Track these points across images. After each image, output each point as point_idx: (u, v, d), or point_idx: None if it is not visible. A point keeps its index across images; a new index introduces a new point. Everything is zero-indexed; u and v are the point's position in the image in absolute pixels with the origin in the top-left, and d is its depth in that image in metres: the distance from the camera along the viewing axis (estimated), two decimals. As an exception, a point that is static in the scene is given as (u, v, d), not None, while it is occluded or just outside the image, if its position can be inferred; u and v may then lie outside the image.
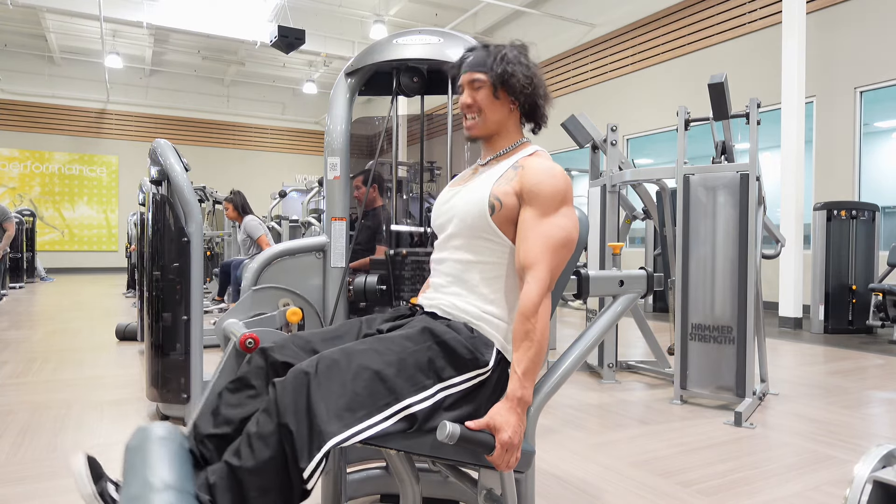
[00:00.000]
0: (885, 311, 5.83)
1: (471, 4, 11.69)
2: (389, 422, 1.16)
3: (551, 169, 1.38)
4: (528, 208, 1.36)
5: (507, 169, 1.42)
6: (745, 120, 3.28)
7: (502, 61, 1.42)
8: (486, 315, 1.36)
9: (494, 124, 1.46)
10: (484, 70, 1.43)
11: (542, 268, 1.30)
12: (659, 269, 7.04)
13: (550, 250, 1.31)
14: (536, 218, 1.34)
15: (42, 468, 2.28)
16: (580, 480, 2.21)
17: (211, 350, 4.64)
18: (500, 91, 1.43)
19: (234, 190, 6.24)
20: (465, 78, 1.46)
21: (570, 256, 1.38)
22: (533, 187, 1.35)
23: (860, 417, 3.08)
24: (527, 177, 1.37)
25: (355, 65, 2.69)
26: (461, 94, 1.48)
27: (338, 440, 1.08)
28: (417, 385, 1.22)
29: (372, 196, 3.80)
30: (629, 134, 9.99)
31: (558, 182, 1.36)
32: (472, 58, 1.46)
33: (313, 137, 18.76)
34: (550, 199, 1.34)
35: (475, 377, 1.31)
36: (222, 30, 11.14)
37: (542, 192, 1.35)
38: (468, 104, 1.45)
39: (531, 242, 1.32)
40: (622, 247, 1.83)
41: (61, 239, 15.63)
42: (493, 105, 1.44)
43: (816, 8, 7.34)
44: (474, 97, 1.44)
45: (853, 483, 1.08)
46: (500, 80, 1.42)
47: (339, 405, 1.11)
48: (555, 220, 1.34)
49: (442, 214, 1.50)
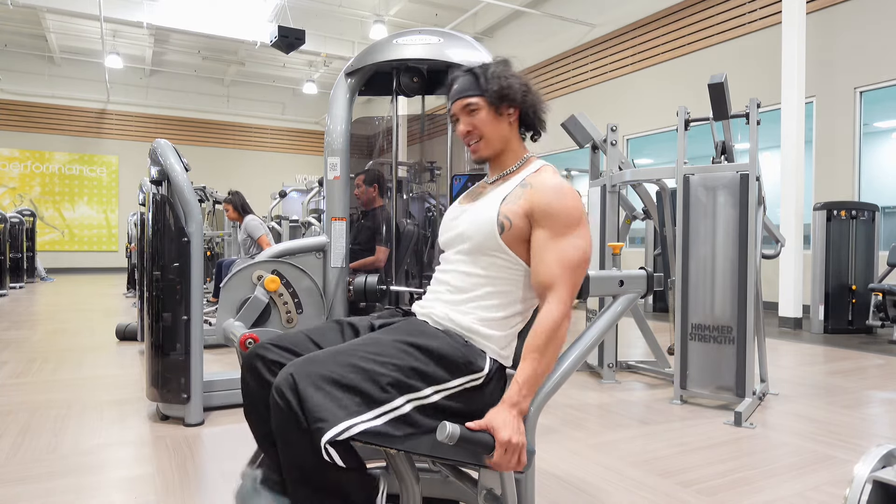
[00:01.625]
0: (884, 311, 5.83)
1: (471, 4, 11.69)
2: (381, 420, 1.15)
3: (560, 188, 1.38)
4: (541, 229, 1.36)
5: (514, 187, 1.42)
6: (745, 120, 3.28)
7: (494, 78, 1.42)
8: (481, 328, 1.36)
9: (499, 142, 1.47)
10: (477, 93, 1.43)
11: (564, 289, 1.32)
12: (659, 269, 7.04)
13: (570, 270, 1.33)
14: (551, 238, 1.34)
15: (42, 468, 2.28)
16: (580, 480, 2.21)
17: (211, 350, 4.64)
18: (501, 107, 1.43)
19: (233, 190, 6.20)
20: (456, 106, 1.46)
21: (584, 276, 1.41)
22: (546, 207, 1.36)
23: (860, 417, 3.08)
24: (536, 196, 1.37)
25: (355, 65, 2.69)
26: (454, 123, 1.48)
27: (332, 434, 1.08)
28: (411, 386, 1.22)
29: (372, 196, 3.80)
30: (629, 134, 9.99)
31: (570, 203, 1.37)
32: (457, 85, 1.46)
33: (313, 137, 18.76)
34: (565, 220, 1.35)
35: (469, 382, 1.31)
36: (222, 30, 11.14)
37: (554, 213, 1.35)
38: (467, 131, 1.45)
39: (550, 264, 1.33)
40: (622, 247, 1.83)
41: (61, 239, 15.63)
42: (494, 123, 1.45)
43: (816, 8, 7.34)
44: (472, 122, 1.44)
45: (853, 483, 1.09)
46: (497, 96, 1.42)
47: (332, 403, 1.11)
48: (571, 240, 1.35)
49: (450, 230, 1.51)
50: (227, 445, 2.55)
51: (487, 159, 1.49)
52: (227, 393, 3.05)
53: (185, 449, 2.50)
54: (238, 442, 2.58)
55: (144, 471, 2.26)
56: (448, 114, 1.52)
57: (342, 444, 1.10)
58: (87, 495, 2.04)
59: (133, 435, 2.68)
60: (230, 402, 3.03)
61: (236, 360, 3.29)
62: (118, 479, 2.19)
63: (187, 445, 2.54)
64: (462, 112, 1.46)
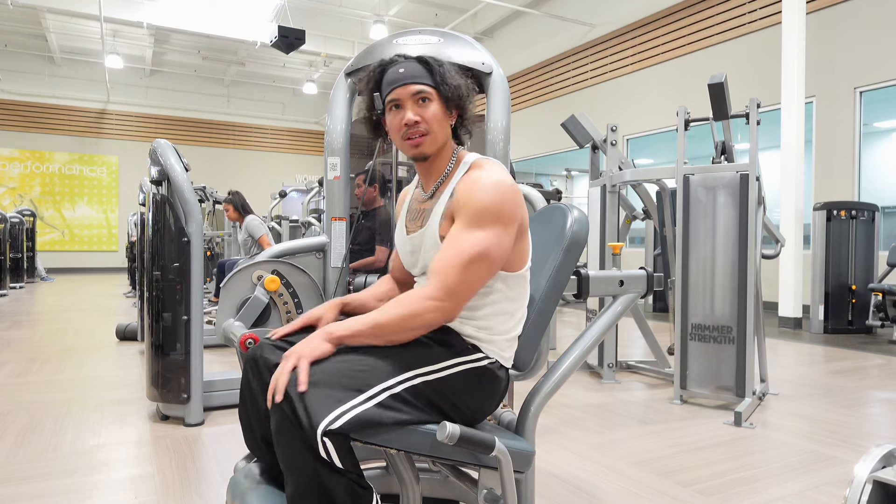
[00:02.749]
0: (884, 311, 5.83)
1: (471, 4, 11.69)
2: (373, 401, 1.14)
3: (479, 180, 1.28)
4: (454, 223, 1.28)
5: (446, 202, 1.34)
6: (745, 120, 3.28)
7: (449, 74, 1.35)
8: (482, 335, 1.34)
9: (441, 141, 1.36)
10: (430, 83, 1.33)
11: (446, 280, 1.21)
12: (659, 269, 7.04)
13: (459, 264, 1.21)
14: (458, 229, 1.26)
15: (42, 468, 2.28)
16: (580, 480, 2.21)
17: (211, 350, 4.64)
18: (450, 105, 1.36)
19: (233, 191, 6.20)
20: (404, 91, 1.32)
21: (489, 276, 1.26)
22: (461, 202, 1.28)
23: (860, 417, 3.08)
24: (456, 198, 1.30)
25: (355, 65, 2.69)
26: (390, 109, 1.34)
27: (327, 422, 1.08)
28: (408, 366, 1.21)
29: (372, 196, 3.80)
30: (629, 134, 9.99)
31: (485, 195, 1.25)
32: (404, 70, 1.33)
33: (313, 137, 18.76)
34: (474, 212, 1.25)
35: (467, 363, 1.29)
36: (222, 30, 11.14)
37: (464, 204, 1.27)
38: (415, 122, 1.31)
39: (441, 254, 1.25)
40: (622, 247, 1.83)
41: (61, 239, 15.63)
42: (443, 121, 1.35)
43: (816, 8, 7.34)
44: (421, 114, 1.32)
45: (853, 483, 1.09)
46: (451, 93, 1.34)
47: (323, 394, 1.11)
48: (475, 233, 1.23)
49: (413, 265, 1.45)
50: (227, 445, 2.55)
51: (426, 158, 1.36)
52: (227, 393, 3.05)
53: (185, 449, 2.50)
54: (238, 442, 2.58)
55: (144, 471, 2.26)
56: (382, 98, 1.36)
57: (341, 441, 1.09)
58: (87, 495, 2.04)
59: (133, 435, 2.68)
60: (230, 402, 3.04)
61: (236, 360, 3.29)
62: (118, 479, 2.19)
63: (187, 445, 2.54)
64: (410, 99, 1.31)
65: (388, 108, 1.35)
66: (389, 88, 1.33)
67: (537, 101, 11.97)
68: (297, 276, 2.51)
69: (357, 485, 1.13)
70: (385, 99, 1.35)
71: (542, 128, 11.60)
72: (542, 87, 11.84)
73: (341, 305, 1.46)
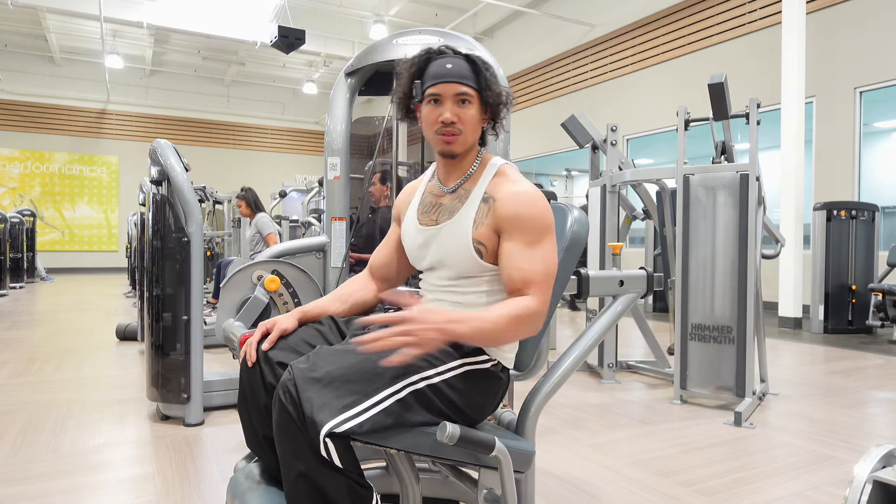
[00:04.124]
0: (884, 311, 5.83)
1: (471, 4, 11.69)
2: (378, 407, 1.14)
3: (523, 195, 1.30)
4: (511, 241, 1.28)
5: (479, 204, 1.34)
6: (745, 120, 3.28)
7: (493, 79, 1.34)
8: None
9: (472, 142, 1.36)
10: (475, 86, 1.32)
11: (544, 291, 1.26)
12: (659, 269, 7.04)
13: (549, 276, 1.27)
14: (526, 246, 1.27)
15: (42, 468, 2.28)
16: (580, 480, 2.21)
17: (211, 350, 4.64)
18: (487, 111, 1.36)
19: (245, 187, 6.34)
20: (448, 88, 1.30)
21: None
22: (513, 219, 1.29)
23: (860, 417, 3.08)
24: (501, 209, 1.30)
25: (355, 65, 2.69)
26: (429, 102, 1.32)
27: (330, 426, 1.08)
28: (409, 370, 1.20)
29: (385, 194, 3.88)
30: (629, 134, 9.99)
31: (538, 211, 1.29)
32: (452, 66, 1.31)
33: (313, 137, 18.76)
34: (535, 228, 1.28)
35: (468, 364, 1.29)
36: (222, 30, 11.14)
37: (524, 223, 1.28)
38: (452, 121, 1.30)
39: (526, 269, 1.26)
40: (622, 247, 1.83)
41: (61, 239, 15.63)
42: (477, 124, 1.35)
43: (816, 8, 7.34)
44: (460, 114, 1.31)
45: (853, 483, 1.08)
46: (492, 100, 1.34)
47: (329, 396, 1.11)
48: (547, 248, 1.29)
49: (421, 258, 1.43)
50: (227, 445, 2.55)
51: (455, 156, 1.37)
52: (227, 393, 3.05)
53: (185, 449, 2.50)
54: (238, 442, 2.58)
55: (144, 471, 2.26)
56: (422, 88, 1.34)
57: (342, 442, 1.10)
58: (87, 495, 2.04)
59: (133, 435, 2.68)
60: (230, 402, 3.04)
61: (236, 360, 3.29)
62: (118, 479, 2.18)
63: (187, 445, 2.54)
64: (452, 98, 1.31)
65: (427, 100, 1.33)
66: (433, 81, 1.32)
67: (537, 101, 11.97)
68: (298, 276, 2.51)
69: (357, 484, 1.13)
70: (425, 90, 1.33)
71: (542, 128, 11.59)
72: (542, 87, 11.84)
73: (300, 315, 1.43)
